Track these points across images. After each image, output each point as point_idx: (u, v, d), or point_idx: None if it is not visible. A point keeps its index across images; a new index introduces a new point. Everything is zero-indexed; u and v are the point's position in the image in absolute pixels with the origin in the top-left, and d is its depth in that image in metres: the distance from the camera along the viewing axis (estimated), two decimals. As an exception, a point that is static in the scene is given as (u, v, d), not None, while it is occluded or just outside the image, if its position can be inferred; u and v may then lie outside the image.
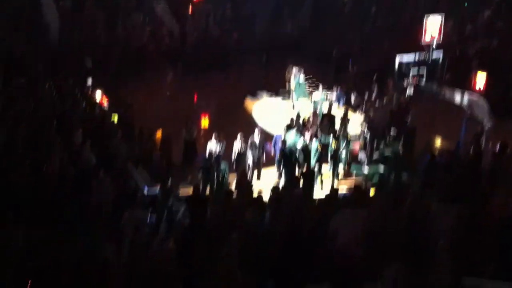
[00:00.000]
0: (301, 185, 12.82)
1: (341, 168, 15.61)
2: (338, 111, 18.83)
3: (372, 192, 12.16)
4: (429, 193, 9.96)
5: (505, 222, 6.84)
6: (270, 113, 21.64)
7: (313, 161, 14.94)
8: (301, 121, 16.82)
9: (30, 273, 7.23)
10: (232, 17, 36.06)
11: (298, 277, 5.48)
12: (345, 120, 16.45)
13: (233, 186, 13.39)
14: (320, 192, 14.21)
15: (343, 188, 14.44)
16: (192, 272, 5.65)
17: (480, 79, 16.99)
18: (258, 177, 15.37)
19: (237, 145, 14.93)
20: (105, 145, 14.57)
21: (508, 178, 11.27)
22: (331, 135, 15.36)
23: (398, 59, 15.98)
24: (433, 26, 15.67)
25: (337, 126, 16.61)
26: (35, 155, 12.31)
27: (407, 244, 7.16)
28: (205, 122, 21.63)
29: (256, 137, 15.04)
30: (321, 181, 14.82)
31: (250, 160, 15.18)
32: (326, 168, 15.18)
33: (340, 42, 30.77)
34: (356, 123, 17.48)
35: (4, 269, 7.09)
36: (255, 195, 11.28)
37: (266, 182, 15.25)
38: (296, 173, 14.49)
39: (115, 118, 17.46)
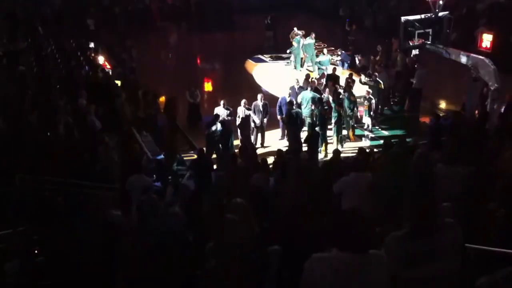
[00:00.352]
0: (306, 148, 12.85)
1: (345, 132, 15.51)
2: (342, 74, 18.73)
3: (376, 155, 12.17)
4: (435, 154, 9.96)
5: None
6: (273, 76, 21.53)
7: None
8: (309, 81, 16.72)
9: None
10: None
11: (304, 242, 5.51)
12: (349, 83, 16.31)
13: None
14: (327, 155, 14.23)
15: (347, 151, 14.52)
16: (199, 236, 5.68)
17: (486, 38, 16.78)
18: (262, 140, 15.36)
19: (241, 110, 14.87)
20: (109, 108, 14.54)
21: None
22: (336, 98, 15.20)
23: (403, 19, 15.67)
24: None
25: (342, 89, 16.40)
26: (42, 116, 12.33)
27: (412, 206, 7.19)
28: (208, 86, 21.54)
29: (259, 102, 14.97)
30: (326, 145, 14.77)
31: (253, 124, 15.14)
32: (331, 132, 15.10)
33: (346, 1, 30.39)
34: (361, 86, 17.34)
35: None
36: (259, 159, 11.30)
37: (271, 144, 15.35)
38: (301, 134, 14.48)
39: (118, 81, 17.35)
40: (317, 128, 14.38)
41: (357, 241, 3.38)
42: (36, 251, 7.37)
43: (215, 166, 12.64)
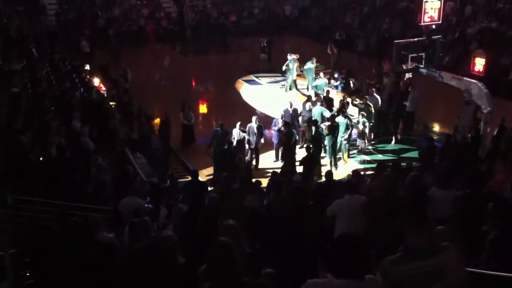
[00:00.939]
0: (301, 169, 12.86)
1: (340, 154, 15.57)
2: (337, 97, 18.86)
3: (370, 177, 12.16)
4: (428, 177, 9.99)
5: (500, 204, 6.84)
6: (267, 98, 21.63)
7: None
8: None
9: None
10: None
11: (298, 262, 5.48)
12: (344, 106, 16.44)
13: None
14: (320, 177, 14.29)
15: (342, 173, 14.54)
16: (192, 259, 5.63)
17: (479, 62, 16.94)
18: (257, 162, 15.37)
19: (236, 132, 14.92)
20: (103, 129, 14.53)
21: (506, 160, 11.30)
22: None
23: (396, 42, 15.88)
24: (432, 9, 15.52)
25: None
26: (34, 137, 12.29)
27: (407, 228, 7.17)
28: (203, 108, 21.62)
29: (254, 124, 15.02)
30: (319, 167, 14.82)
31: (248, 146, 15.16)
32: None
33: (340, 24, 30.76)
34: (355, 109, 17.44)
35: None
36: (253, 180, 11.27)
37: (265, 166, 15.35)
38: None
39: (113, 103, 17.38)
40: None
41: (352, 267, 3.36)
42: (27, 274, 7.30)
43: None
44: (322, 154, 15.17)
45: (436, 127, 17.97)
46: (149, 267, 3.49)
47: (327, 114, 15.73)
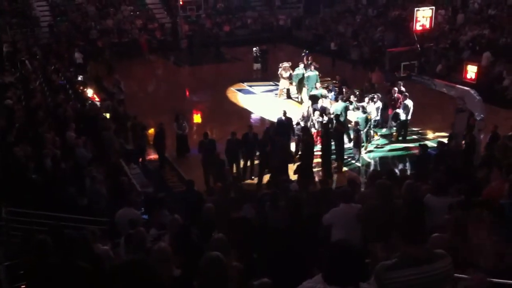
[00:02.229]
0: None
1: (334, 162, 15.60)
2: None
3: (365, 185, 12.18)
4: (423, 184, 9.99)
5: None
6: (261, 107, 21.69)
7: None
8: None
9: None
10: (223, 10, 36.10)
11: (294, 272, 5.47)
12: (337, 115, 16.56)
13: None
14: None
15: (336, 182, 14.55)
16: (186, 270, 5.60)
17: (471, 69, 17.05)
18: (252, 171, 15.35)
19: (231, 142, 14.90)
20: (98, 141, 14.50)
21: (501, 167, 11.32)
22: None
23: (389, 51, 16.00)
24: (424, 17, 15.66)
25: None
26: (28, 149, 12.26)
27: (401, 236, 7.17)
28: (197, 118, 21.64)
29: (250, 132, 15.02)
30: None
31: (245, 154, 15.16)
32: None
33: (334, 34, 30.94)
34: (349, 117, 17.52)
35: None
36: (248, 190, 11.27)
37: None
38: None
39: (107, 114, 17.35)
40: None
41: (347, 275, 3.35)
42: (22, 287, 7.24)
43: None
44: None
45: (430, 135, 18.04)
46: (131, 282, 3.45)
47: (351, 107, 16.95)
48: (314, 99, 18.51)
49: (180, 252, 6.36)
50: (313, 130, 16.50)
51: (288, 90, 22.25)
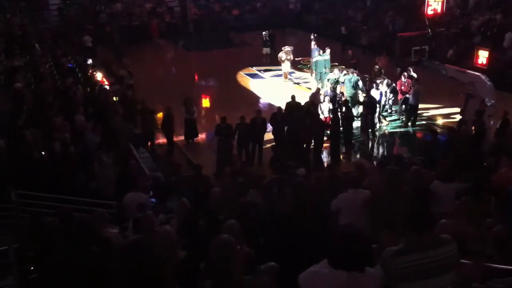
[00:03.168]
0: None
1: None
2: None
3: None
4: (431, 171, 9.96)
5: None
6: (270, 91, 21.63)
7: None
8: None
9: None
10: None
11: (301, 257, 5.48)
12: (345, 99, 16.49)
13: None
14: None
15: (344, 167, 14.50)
16: (194, 255, 5.63)
17: (482, 54, 16.88)
18: (260, 156, 15.33)
19: (240, 126, 14.88)
20: (107, 125, 14.52)
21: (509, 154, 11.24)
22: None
23: (399, 36, 15.84)
24: (435, 1, 15.49)
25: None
26: (37, 133, 12.31)
27: (408, 221, 7.15)
28: (205, 102, 21.62)
29: (258, 117, 14.98)
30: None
31: (252, 140, 15.14)
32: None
33: (343, 19, 30.68)
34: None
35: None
36: (256, 174, 11.24)
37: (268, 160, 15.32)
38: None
39: (116, 98, 17.36)
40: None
41: (353, 259, 3.35)
42: (31, 268, 7.31)
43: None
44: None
45: (440, 121, 17.93)
46: (134, 262, 3.46)
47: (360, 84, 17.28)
48: (336, 83, 18.37)
49: (187, 236, 6.40)
50: (322, 116, 16.41)
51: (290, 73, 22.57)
